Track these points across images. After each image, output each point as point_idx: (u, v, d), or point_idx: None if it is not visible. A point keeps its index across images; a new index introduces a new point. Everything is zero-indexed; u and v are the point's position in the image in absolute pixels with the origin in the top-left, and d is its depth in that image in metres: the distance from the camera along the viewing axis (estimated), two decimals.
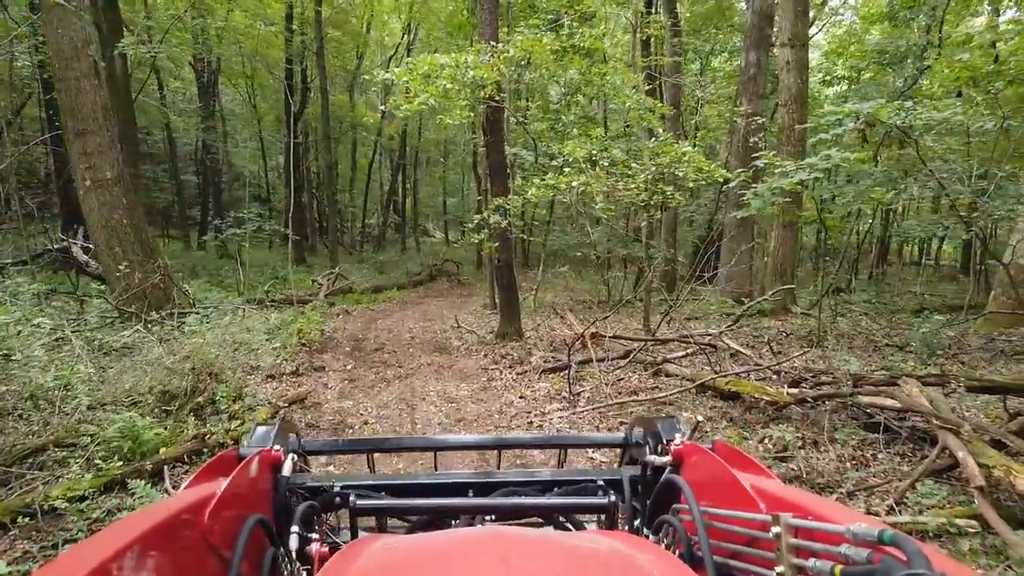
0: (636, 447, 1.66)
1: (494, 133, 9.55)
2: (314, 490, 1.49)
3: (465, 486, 1.54)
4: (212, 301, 13.05)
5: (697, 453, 1.37)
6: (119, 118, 10.65)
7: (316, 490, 1.49)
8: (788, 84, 11.79)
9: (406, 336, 11.51)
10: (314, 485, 1.50)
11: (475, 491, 1.53)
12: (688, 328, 11.52)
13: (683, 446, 1.43)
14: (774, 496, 1.06)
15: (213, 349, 6.78)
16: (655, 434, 1.53)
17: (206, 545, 1.05)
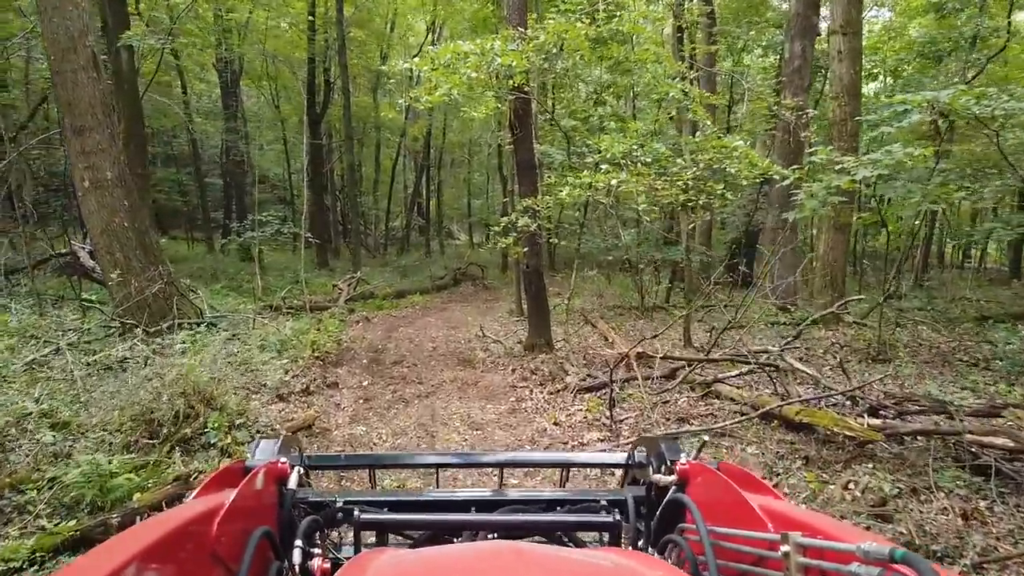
0: (639, 467, 1.62)
1: (522, 128, 8.62)
2: (317, 505, 1.47)
3: (468, 503, 1.52)
4: (226, 308, 12.31)
5: (703, 473, 1.33)
6: (126, 116, 9.92)
7: (319, 505, 1.47)
8: (840, 75, 10.71)
9: (428, 346, 10.62)
10: (317, 500, 1.48)
11: (478, 508, 1.51)
12: (734, 339, 10.52)
13: (688, 466, 1.39)
14: (782, 515, 1.03)
15: (207, 369, 5.93)
16: (659, 454, 1.50)
17: (213, 556, 1.03)
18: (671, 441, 1.53)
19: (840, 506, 4.38)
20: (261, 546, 1.16)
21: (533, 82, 8.76)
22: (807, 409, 5.53)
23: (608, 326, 11.77)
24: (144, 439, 5.11)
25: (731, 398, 6.50)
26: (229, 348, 7.85)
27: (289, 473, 1.44)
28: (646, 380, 6.75)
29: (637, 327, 12.26)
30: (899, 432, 5.08)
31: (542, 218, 8.70)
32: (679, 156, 7.53)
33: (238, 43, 19.40)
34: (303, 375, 8.04)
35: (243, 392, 6.55)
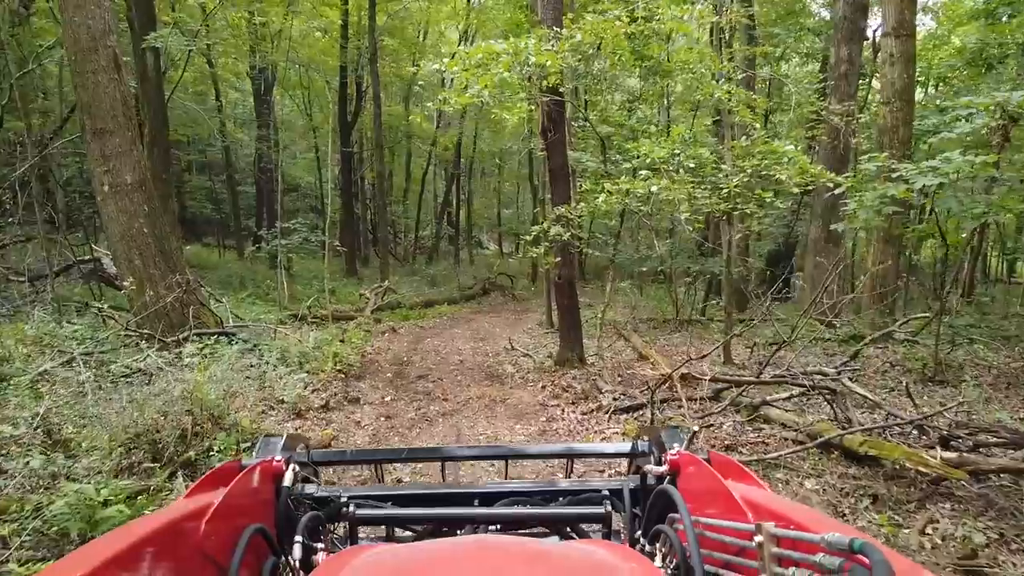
0: (642, 457, 1.58)
1: (556, 132, 8.13)
2: (320, 500, 1.47)
3: (471, 496, 1.51)
4: (250, 317, 11.98)
5: (693, 463, 1.33)
6: (151, 120, 9.65)
7: (322, 500, 1.46)
8: (892, 79, 10.05)
9: (454, 359, 10.14)
10: (321, 495, 1.48)
11: (481, 501, 1.50)
12: (778, 357, 9.87)
13: (679, 456, 1.39)
14: (762, 506, 1.04)
15: (218, 385, 5.51)
16: (658, 444, 1.49)
17: (203, 554, 1.03)
18: (672, 430, 1.51)
19: (920, 555, 3.79)
20: (254, 543, 1.14)
21: (567, 84, 8.26)
22: (873, 440, 4.92)
23: (642, 340, 11.19)
24: (146, 461, 4.70)
25: (782, 423, 5.89)
26: (247, 360, 7.44)
27: (285, 470, 1.40)
28: (692, 400, 6.17)
29: (672, 341, 11.66)
30: (981, 469, 4.45)
31: (575, 227, 8.18)
32: (722, 162, 6.96)
33: (271, 51, 19.21)
34: (323, 389, 7.61)
35: (258, 408, 6.13)
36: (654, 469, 1.45)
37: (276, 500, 1.38)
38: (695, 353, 10.54)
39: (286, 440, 1.53)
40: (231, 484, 1.17)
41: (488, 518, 1.46)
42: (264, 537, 1.20)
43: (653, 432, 1.58)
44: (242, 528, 1.13)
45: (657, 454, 1.50)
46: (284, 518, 1.36)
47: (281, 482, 1.40)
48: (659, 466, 1.44)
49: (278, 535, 1.30)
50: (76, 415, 5.53)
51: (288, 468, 1.42)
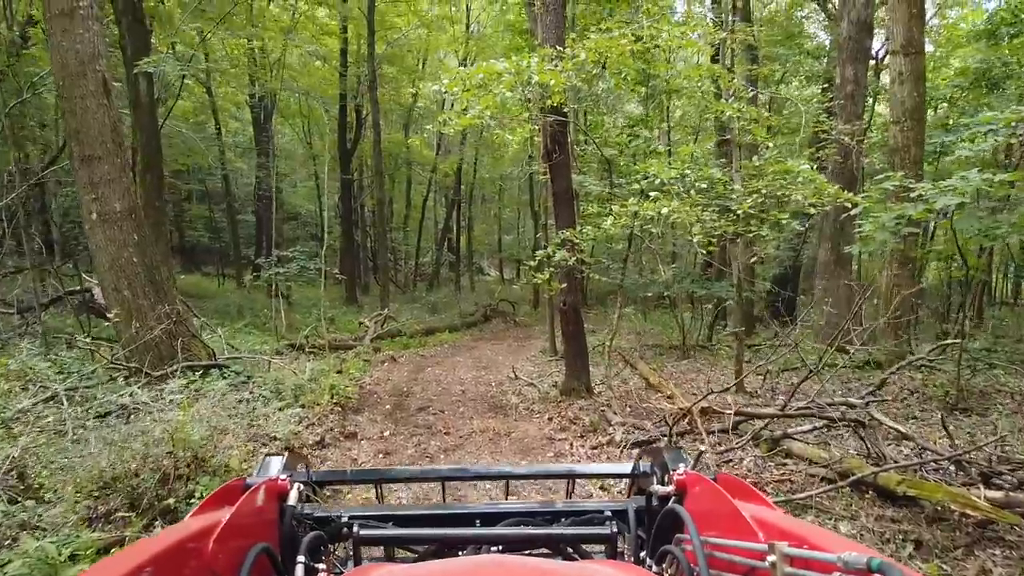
0: (644, 477, 1.56)
1: (559, 153, 7.82)
2: (322, 520, 1.45)
3: (472, 516, 1.50)
4: (247, 348, 11.61)
5: (700, 483, 1.31)
6: (143, 147, 9.37)
7: (324, 520, 1.45)
8: (901, 98, 9.76)
9: (456, 390, 9.73)
10: (322, 515, 1.46)
11: (482, 521, 1.49)
12: (790, 383, 9.46)
13: (686, 476, 1.36)
14: (773, 526, 1.03)
15: (205, 423, 5.12)
16: (662, 464, 1.46)
17: (211, 572, 1.02)
18: (675, 451, 1.49)
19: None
20: (260, 562, 1.13)
21: (570, 105, 7.97)
22: (912, 479, 4.51)
23: (650, 368, 10.79)
24: (123, 509, 4.29)
25: (807, 458, 5.48)
26: (237, 395, 7.05)
27: (289, 489, 1.39)
28: (711, 433, 5.76)
29: (680, 368, 11.27)
30: None
31: (581, 251, 7.83)
32: (731, 183, 6.64)
33: (271, 79, 19.06)
34: (319, 424, 7.20)
35: (248, 447, 5.72)
36: (660, 489, 1.41)
37: (280, 519, 1.37)
38: (706, 382, 10.18)
39: (287, 459, 1.51)
40: (238, 503, 1.16)
41: (490, 538, 1.42)
42: (269, 557, 1.19)
43: (655, 453, 1.55)
44: (248, 547, 1.12)
45: (661, 474, 1.46)
46: (288, 538, 1.34)
47: (285, 501, 1.38)
48: (664, 486, 1.40)
49: (282, 555, 1.29)
50: (53, 456, 5.13)
51: (292, 487, 1.40)
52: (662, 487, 1.41)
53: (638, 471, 1.64)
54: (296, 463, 1.56)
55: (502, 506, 1.58)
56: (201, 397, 6.12)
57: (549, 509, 1.58)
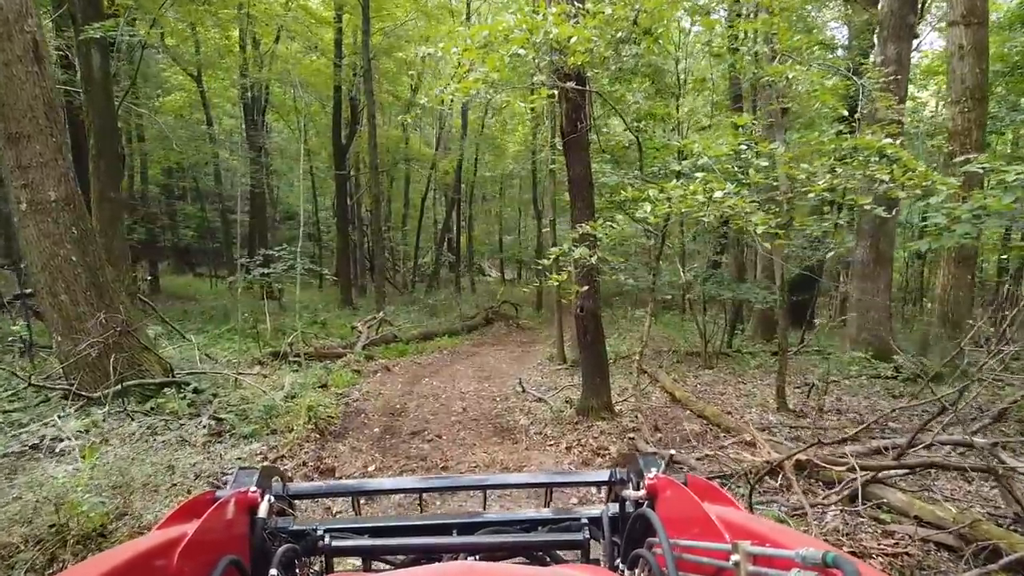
0: (620, 484, 1.52)
1: (577, 129, 6.41)
2: (297, 534, 1.40)
3: (449, 527, 1.46)
4: (225, 357, 10.21)
5: (670, 487, 1.29)
6: (97, 128, 7.95)
7: (299, 534, 1.40)
8: (961, 75, 8.39)
9: (456, 407, 8.31)
10: (297, 529, 1.41)
11: (459, 531, 1.45)
12: (847, 404, 8.06)
13: (657, 480, 1.35)
14: (739, 526, 1.03)
15: (111, 477, 3.71)
16: (638, 470, 1.42)
17: None
18: (650, 456, 1.45)
19: None
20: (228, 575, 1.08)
21: (594, 69, 6.55)
22: None
23: (671, 379, 9.39)
24: None
25: (910, 514, 4.06)
26: (183, 426, 5.63)
27: (260, 502, 1.31)
28: (806, 493, 4.29)
29: (704, 380, 9.86)
30: None
31: (603, 248, 6.43)
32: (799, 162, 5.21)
33: (260, 70, 17.68)
34: (290, 457, 5.79)
35: (183, 497, 4.30)
36: (632, 494, 1.36)
37: (251, 533, 1.28)
38: (737, 395, 8.77)
39: (261, 472, 1.41)
40: (204, 515, 1.09)
41: (466, 547, 1.38)
42: (238, 570, 1.12)
43: (631, 459, 1.49)
44: (215, 561, 1.05)
45: (635, 480, 1.40)
46: (259, 551, 1.27)
47: (256, 514, 1.30)
48: (637, 491, 1.35)
49: (253, 569, 1.24)
50: None
51: (263, 500, 1.32)
52: (634, 492, 1.36)
53: (615, 478, 1.57)
54: (271, 476, 1.46)
55: (479, 516, 1.49)
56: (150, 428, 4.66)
57: (527, 517, 1.50)
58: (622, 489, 1.47)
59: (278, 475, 1.52)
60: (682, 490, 1.23)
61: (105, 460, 4.22)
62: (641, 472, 1.39)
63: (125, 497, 3.68)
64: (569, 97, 6.04)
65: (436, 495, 4.59)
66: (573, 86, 5.88)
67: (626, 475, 1.50)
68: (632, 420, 7.24)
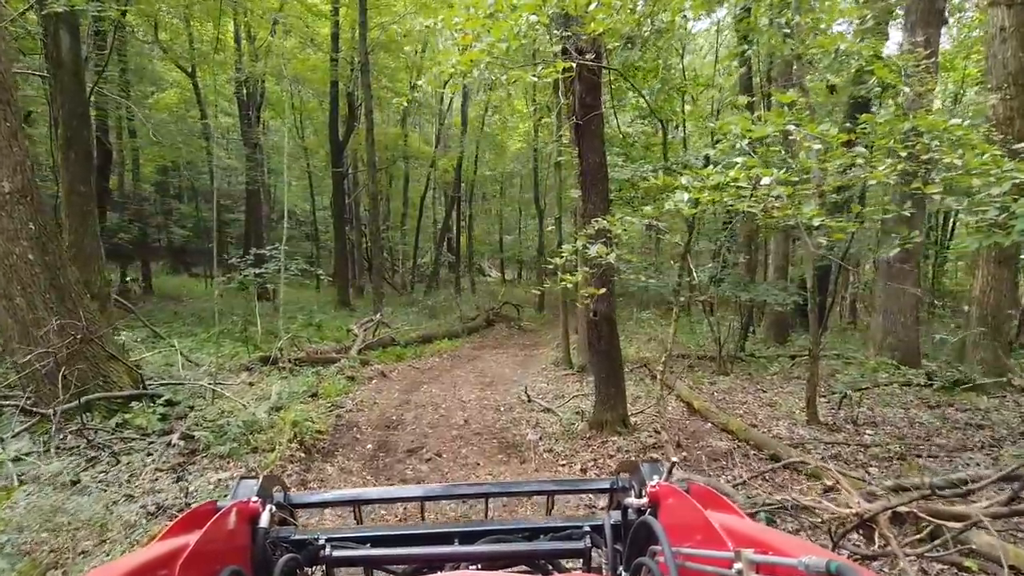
0: (622, 491, 1.48)
1: (590, 110, 5.69)
2: (299, 544, 1.35)
3: (451, 535, 1.41)
4: (211, 362, 9.47)
5: (673, 495, 1.27)
6: (66, 115, 7.21)
7: (301, 544, 1.35)
8: (1002, 59, 7.67)
9: (457, 418, 7.58)
10: (298, 538, 1.36)
11: (461, 540, 1.40)
12: (881, 415, 7.31)
13: (659, 488, 1.32)
14: (742, 534, 1.00)
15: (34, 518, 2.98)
16: (639, 478, 1.40)
17: None
18: (652, 464, 1.42)
19: None
20: None
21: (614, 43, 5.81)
22: None
23: (688, 388, 8.66)
24: None
25: (1004, 563, 3.32)
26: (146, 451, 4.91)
27: (261, 512, 1.29)
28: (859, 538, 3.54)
29: (722, 388, 9.14)
30: None
31: (620, 245, 5.71)
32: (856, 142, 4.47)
33: (252, 64, 16.93)
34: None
35: (127, 542, 3.57)
36: (634, 502, 1.33)
37: (252, 543, 1.26)
38: (760, 404, 8.04)
39: (262, 482, 1.37)
40: (206, 525, 1.06)
41: (467, 556, 1.34)
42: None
43: (633, 467, 1.46)
44: (217, 572, 1.04)
45: (637, 488, 1.38)
46: (261, 561, 1.25)
47: (258, 524, 1.27)
48: (639, 499, 1.33)
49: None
50: None
51: (265, 509, 1.29)
52: (637, 500, 1.34)
53: (617, 485, 1.53)
54: (271, 485, 1.42)
55: (480, 524, 1.45)
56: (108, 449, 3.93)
57: (528, 526, 1.45)
58: (624, 497, 1.43)
59: (279, 484, 1.48)
60: (684, 498, 1.21)
61: (33, 495, 3.48)
62: (643, 480, 1.38)
63: (57, 542, 2.94)
64: (584, 75, 5.31)
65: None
66: (591, 60, 5.14)
67: (628, 483, 1.47)
68: (651, 435, 6.52)
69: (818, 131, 4.25)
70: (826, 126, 4.13)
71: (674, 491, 1.26)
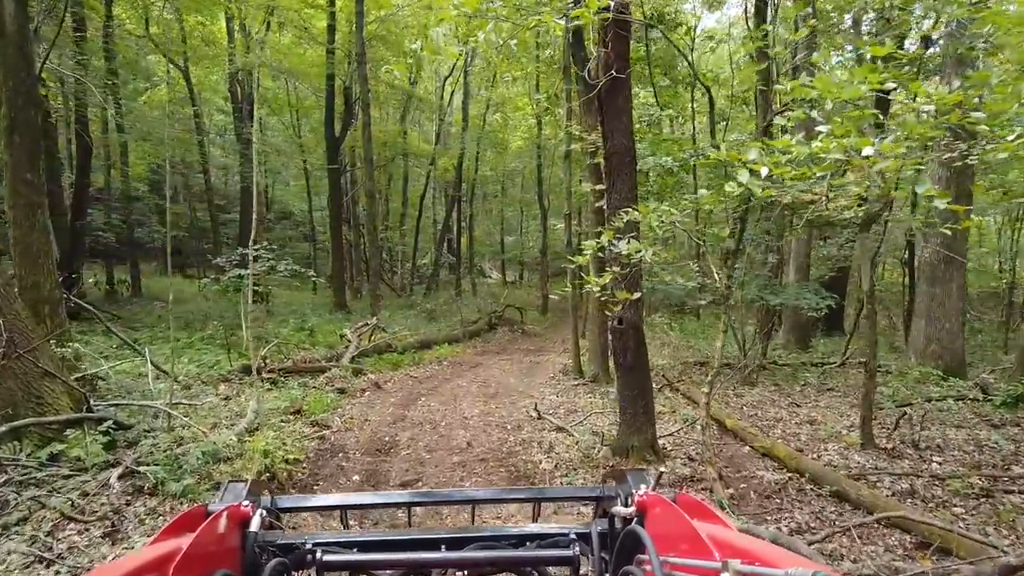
0: (609, 500, 1.40)
1: (616, 80, 4.67)
2: (286, 548, 1.29)
3: (438, 541, 1.37)
4: (189, 371, 8.46)
5: (660, 504, 1.23)
6: (9, 92, 6.16)
7: (288, 548, 1.29)
8: None
9: (458, 438, 6.54)
10: (286, 543, 1.30)
11: (447, 546, 1.35)
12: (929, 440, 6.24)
13: (647, 497, 1.27)
14: (729, 544, 0.97)
15: None
16: (627, 487, 1.34)
17: None
18: (638, 473, 1.37)
19: None
20: None
21: None
22: None
23: (718, 403, 7.63)
24: None
25: None
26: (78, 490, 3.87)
27: (251, 516, 1.23)
28: None
29: (749, 400, 8.14)
30: None
31: (657, 239, 4.70)
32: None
33: (245, 54, 15.89)
34: None
35: None
36: (621, 511, 1.27)
37: (242, 547, 1.21)
38: (796, 421, 7.01)
39: (250, 485, 1.34)
40: (199, 529, 1.02)
41: (454, 562, 1.29)
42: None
43: (620, 475, 1.39)
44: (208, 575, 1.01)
45: (624, 496, 1.31)
46: (250, 565, 1.21)
47: (248, 528, 1.22)
48: (626, 508, 1.27)
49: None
50: None
51: (255, 513, 1.24)
52: (624, 508, 1.28)
53: (603, 494, 1.44)
54: (259, 489, 1.37)
55: (468, 531, 1.39)
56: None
57: (515, 532, 1.40)
58: (611, 505, 1.35)
59: (266, 488, 1.41)
60: (671, 507, 1.16)
61: None
62: (630, 489, 1.32)
63: None
64: (614, 31, 4.28)
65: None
66: (616, 14, 4.09)
67: (615, 491, 1.38)
68: (685, 463, 5.50)
69: (924, 91, 3.21)
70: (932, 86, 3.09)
71: (661, 500, 1.22)
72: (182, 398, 6.85)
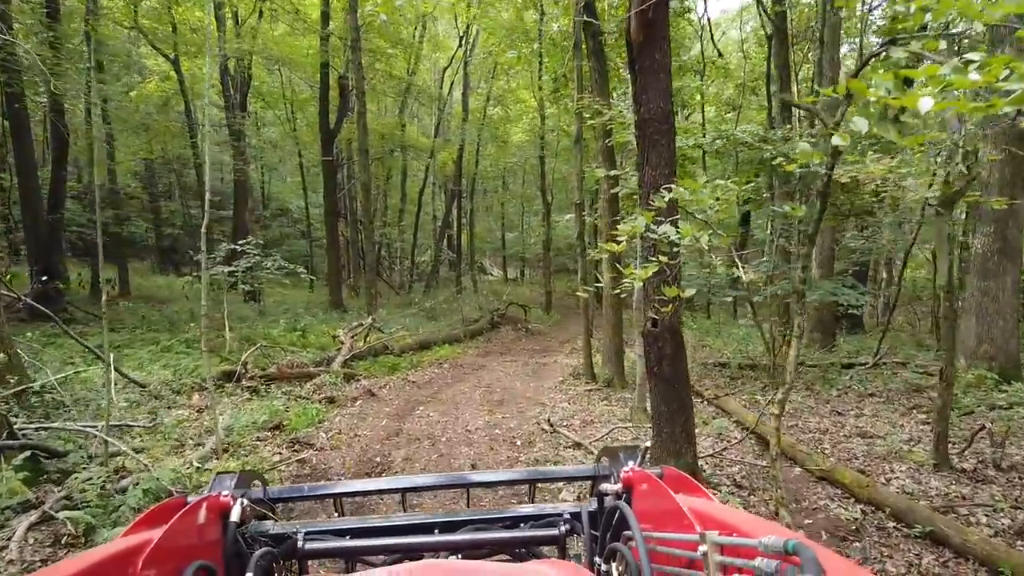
0: (602, 479, 1.42)
1: (651, 41, 3.71)
2: (278, 538, 1.29)
3: (431, 526, 1.38)
4: (164, 377, 7.51)
5: (646, 480, 1.22)
6: None
7: (280, 538, 1.28)
8: None
9: (461, 458, 5.56)
10: (277, 532, 1.30)
11: (441, 530, 1.36)
12: (1012, 459, 5.28)
13: (632, 473, 1.28)
14: (710, 516, 0.97)
15: None
16: (618, 464, 1.36)
17: None
18: (630, 449, 1.38)
19: None
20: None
21: None
22: None
23: (747, 410, 6.67)
24: None
25: None
26: None
27: (232, 506, 1.21)
28: None
29: (787, 408, 7.12)
30: None
31: (699, 225, 3.74)
32: None
33: (234, 42, 14.89)
34: None
35: None
36: (610, 488, 1.29)
37: (224, 537, 1.18)
38: (860, 442, 6.01)
39: (240, 477, 1.32)
40: (172, 520, 0.99)
41: (447, 545, 1.29)
42: (209, 575, 1.04)
43: (613, 452, 1.42)
44: (184, 567, 0.97)
45: (617, 474, 1.33)
46: (233, 556, 1.17)
47: (228, 519, 1.19)
48: (615, 485, 1.29)
49: (227, 574, 1.15)
50: None
51: (236, 504, 1.21)
52: (612, 486, 1.29)
53: (598, 472, 1.47)
54: (250, 480, 1.37)
55: (461, 514, 1.40)
56: None
57: (508, 515, 1.41)
58: (604, 482, 1.36)
59: (258, 479, 1.41)
60: (656, 483, 1.15)
61: None
62: (622, 466, 1.32)
63: None
64: None
65: None
66: None
67: (608, 469, 1.40)
68: (732, 489, 4.54)
69: None
70: None
71: (647, 476, 1.21)
72: (144, 412, 5.89)
